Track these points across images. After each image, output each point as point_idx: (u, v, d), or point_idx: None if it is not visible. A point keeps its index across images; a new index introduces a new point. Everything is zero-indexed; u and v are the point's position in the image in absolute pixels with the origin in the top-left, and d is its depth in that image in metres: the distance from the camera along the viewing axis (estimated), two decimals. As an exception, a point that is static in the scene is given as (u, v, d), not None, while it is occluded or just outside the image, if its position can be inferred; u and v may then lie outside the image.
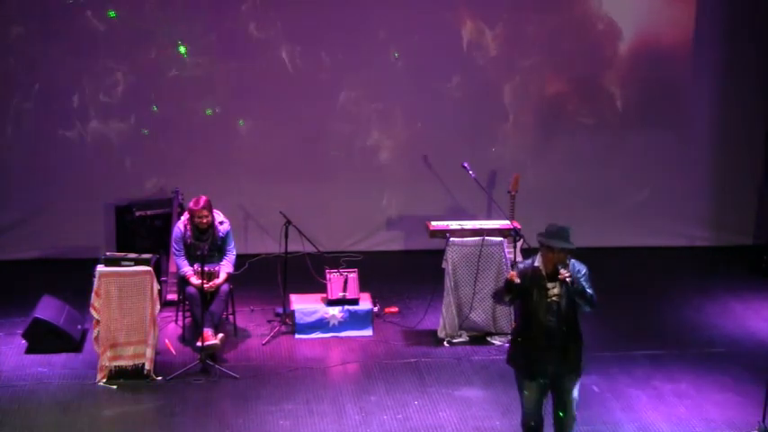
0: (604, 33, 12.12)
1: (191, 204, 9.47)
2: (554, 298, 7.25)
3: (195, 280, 9.33)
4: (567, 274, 7.15)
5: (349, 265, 10.32)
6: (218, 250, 9.58)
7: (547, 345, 7.31)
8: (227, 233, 9.61)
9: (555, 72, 12.14)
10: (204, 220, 9.43)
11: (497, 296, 7.64)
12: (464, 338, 9.78)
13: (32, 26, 11.25)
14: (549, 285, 7.25)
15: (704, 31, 12.23)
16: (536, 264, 7.31)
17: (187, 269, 9.45)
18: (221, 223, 9.58)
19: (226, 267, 9.55)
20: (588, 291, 7.25)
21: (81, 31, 11.33)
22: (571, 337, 7.34)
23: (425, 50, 11.91)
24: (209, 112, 11.54)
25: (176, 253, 9.54)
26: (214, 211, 9.54)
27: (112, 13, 11.32)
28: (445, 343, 9.73)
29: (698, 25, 12.21)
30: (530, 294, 7.29)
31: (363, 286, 9.96)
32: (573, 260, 7.36)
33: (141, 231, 11.20)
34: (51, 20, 11.26)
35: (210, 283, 9.33)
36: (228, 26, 11.66)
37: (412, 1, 11.82)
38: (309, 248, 10.24)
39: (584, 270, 7.34)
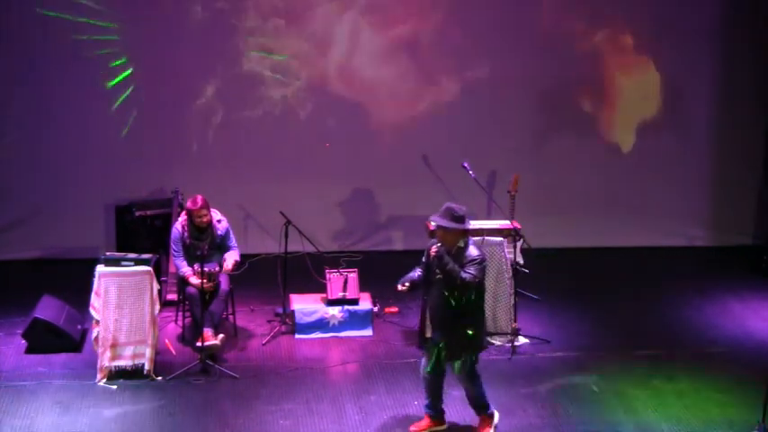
0: (605, 33, 12.13)
1: (188, 205, 9.46)
2: (438, 276, 7.43)
3: (195, 280, 9.33)
4: (434, 250, 7.37)
5: (349, 265, 10.32)
6: (218, 249, 9.58)
7: (432, 320, 7.54)
8: (227, 230, 9.61)
9: (555, 72, 12.13)
10: (204, 219, 9.43)
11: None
12: (464, 338, 9.75)
13: (31, 28, 11.25)
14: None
15: (704, 30, 12.23)
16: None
17: (186, 270, 9.44)
18: (219, 221, 9.58)
19: (233, 256, 9.53)
20: (462, 274, 7.27)
21: (78, 31, 11.34)
22: (456, 317, 7.44)
23: (425, 50, 11.91)
24: None
25: (175, 254, 9.53)
26: (211, 209, 9.54)
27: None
28: (445, 343, 9.71)
29: (698, 25, 12.22)
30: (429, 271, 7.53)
31: (363, 286, 9.95)
32: (473, 245, 7.46)
33: (141, 231, 11.19)
34: (48, 22, 11.27)
35: (221, 268, 9.32)
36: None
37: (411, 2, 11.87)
38: (309, 248, 10.23)
39: (475, 254, 7.39)
